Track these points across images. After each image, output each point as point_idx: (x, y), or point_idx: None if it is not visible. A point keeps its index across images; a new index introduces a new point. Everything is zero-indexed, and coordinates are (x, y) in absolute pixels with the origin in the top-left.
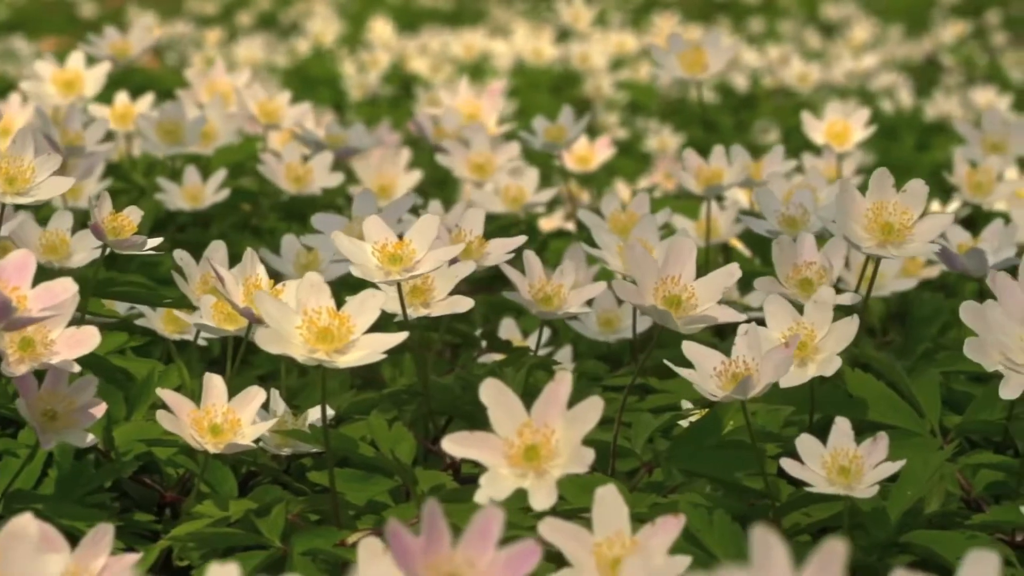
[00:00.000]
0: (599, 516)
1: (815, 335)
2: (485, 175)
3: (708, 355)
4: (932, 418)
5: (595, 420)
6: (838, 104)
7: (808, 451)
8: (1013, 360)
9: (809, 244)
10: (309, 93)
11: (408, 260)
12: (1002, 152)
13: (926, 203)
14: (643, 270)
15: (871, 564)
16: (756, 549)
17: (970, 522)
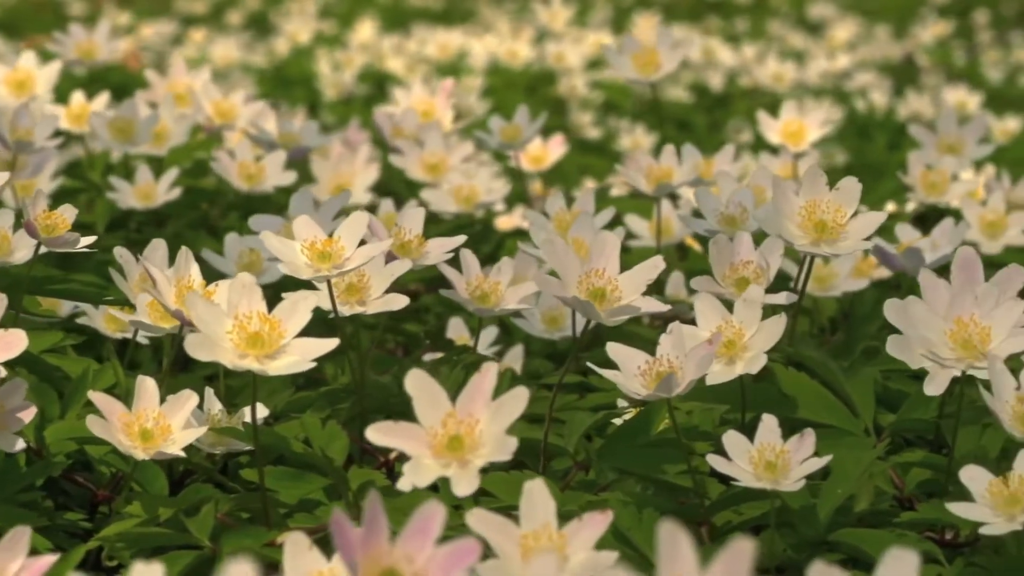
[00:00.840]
0: (526, 509)
1: (744, 333)
2: (438, 175)
3: (632, 355)
4: (866, 417)
5: (519, 411)
6: (794, 103)
7: (735, 447)
8: (938, 355)
9: (746, 243)
10: (284, 92)
11: (337, 257)
12: (957, 153)
13: (859, 201)
14: (565, 264)
15: (800, 562)
16: (663, 544)
17: (898, 520)
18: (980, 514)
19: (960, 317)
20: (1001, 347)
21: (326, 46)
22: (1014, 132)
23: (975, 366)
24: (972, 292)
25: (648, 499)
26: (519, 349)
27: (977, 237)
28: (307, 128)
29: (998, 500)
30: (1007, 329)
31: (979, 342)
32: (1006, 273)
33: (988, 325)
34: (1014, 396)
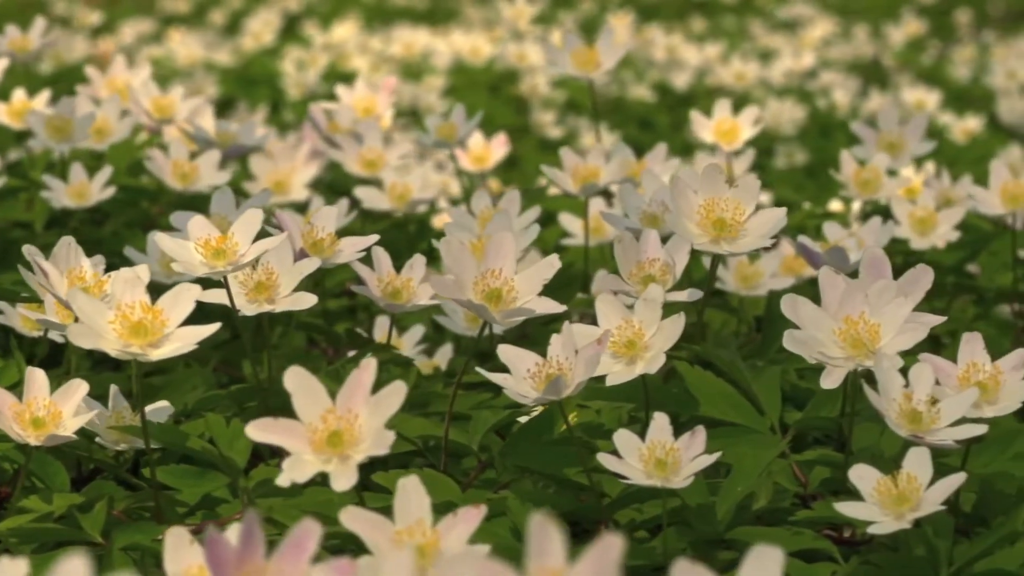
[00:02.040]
0: (400, 506)
1: (644, 333)
2: (375, 171)
3: (523, 356)
4: (772, 415)
5: (397, 405)
6: (726, 102)
7: (626, 445)
8: (826, 354)
9: (653, 241)
10: (247, 92)
11: (232, 254)
12: (898, 151)
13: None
14: (461, 264)
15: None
16: (533, 537)
17: (794, 518)
18: (869, 513)
19: (850, 316)
20: (890, 345)
21: (295, 45)
22: (974, 131)
23: (864, 364)
24: (863, 290)
25: (548, 497)
26: (448, 347)
27: (908, 234)
28: (245, 127)
29: (886, 499)
30: (896, 327)
31: (868, 340)
32: (914, 273)
33: (877, 323)
34: (901, 394)
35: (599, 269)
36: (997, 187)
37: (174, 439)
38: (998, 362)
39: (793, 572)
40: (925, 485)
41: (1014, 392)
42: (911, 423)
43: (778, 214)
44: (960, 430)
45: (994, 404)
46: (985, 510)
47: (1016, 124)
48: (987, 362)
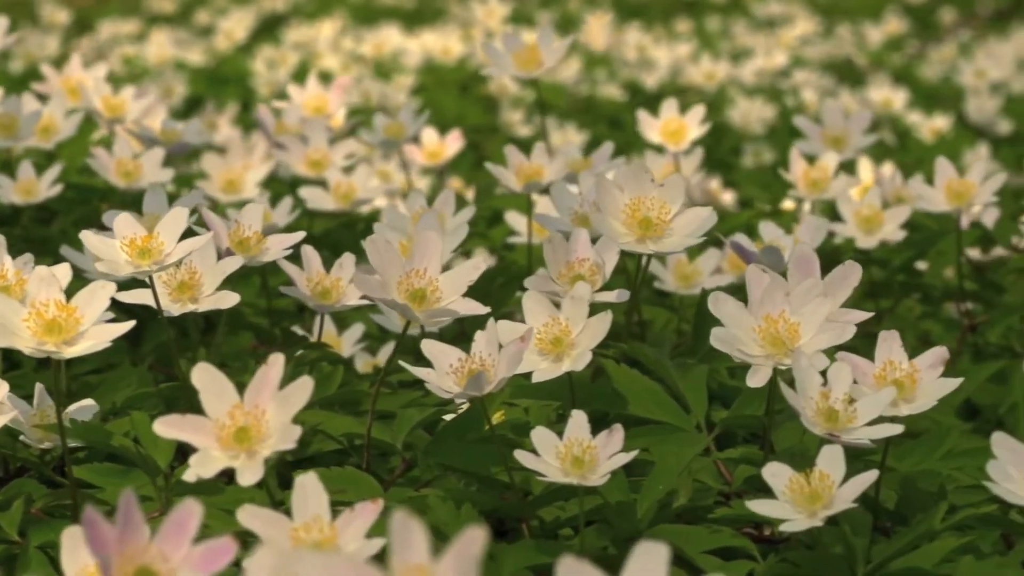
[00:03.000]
0: (298, 502)
1: (571, 331)
2: (320, 171)
3: (446, 352)
4: (698, 413)
5: (304, 401)
6: (673, 102)
7: (543, 443)
8: (745, 352)
9: (583, 241)
10: (218, 91)
11: (157, 253)
12: (842, 146)
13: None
14: (386, 264)
15: (615, 558)
16: (395, 534)
17: (712, 516)
18: (782, 511)
19: (770, 314)
20: (810, 343)
21: (270, 44)
22: (942, 130)
23: (784, 363)
24: (783, 289)
25: (469, 495)
26: (391, 346)
27: (853, 232)
28: (190, 125)
29: (798, 497)
30: (816, 325)
31: (787, 339)
32: (842, 270)
33: (797, 321)
34: (818, 392)
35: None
36: (942, 184)
37: (96, 437)
38: (915, 360)
39: (712, 570)
40: (838, 483)
41: (931, 390)
42: (827, 421)
43: (704, 213)
44: (876, 429)
45: (911, 402)
46: (906, 508)
47: (984, 123)
48: (904, 360)
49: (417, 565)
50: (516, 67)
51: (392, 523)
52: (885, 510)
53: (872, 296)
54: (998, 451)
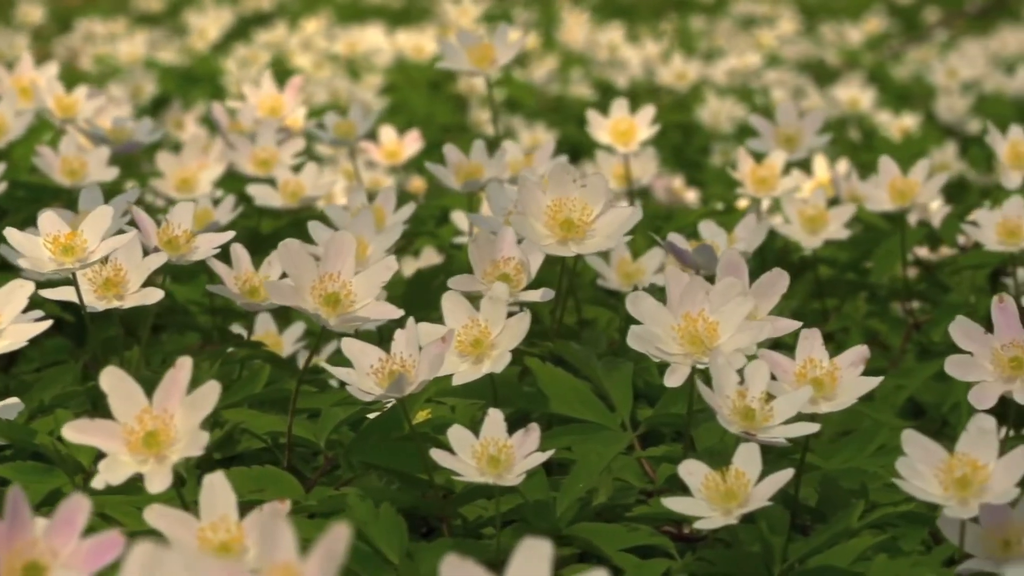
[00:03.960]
0: (206, 502)
1: (490, 332)
2: (268, 170)
3: (367, 351)
4: (623, 411)
5: (212, 405)
6: (623, 102)
7: (459, 442)
8: (664, 351)
9: (509, 240)
10: (189, 89)
11: (81, 251)
12: (795, 144)
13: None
14: (299, 268)
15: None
16: (263, 532)
17: (630, 514)
18: (697, 508)
19: (689, 313)
20: (728, 343)
21: (245, 43)
22: (910, 129)
23: (702, 362)
24: (703, 288)
25: (389, 493)
26: (334, 345)
27: (798, 232)
28: (140, 124)
29: (714, 495)
30: (735, 325)
31: (706, 337)
32: (769, 277)
33: (716, 321)
34: (735, 391)
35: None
36: (885, 183)
37: (19, 436)
38: (835, 359)
39: (629, 568)
40: (754, 481)
41: (851, 388)
42: (744, 420)
43: (626, 213)
44: (793, 428)
45: (831, 400)
46: (826, 507)
47: (954, 122)
48: (825, 359)
49: (284, 564)
50: (470, 63)
51: (259, 523)
52: (807, 508)
53: (819, 295)
54: (908, 448)
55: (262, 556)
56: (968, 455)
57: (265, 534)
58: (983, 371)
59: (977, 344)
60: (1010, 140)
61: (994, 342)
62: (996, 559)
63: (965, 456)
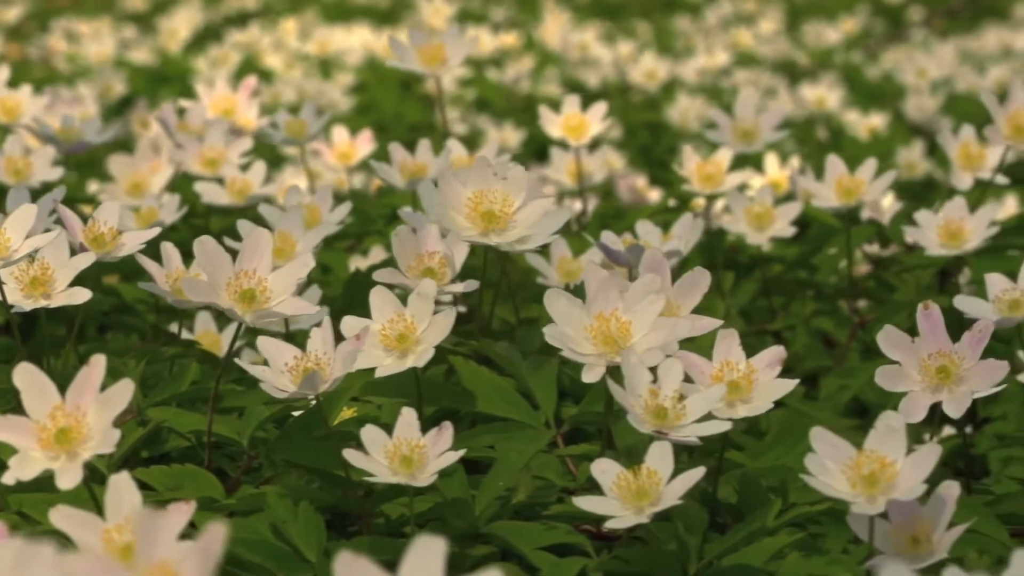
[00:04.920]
0: (111, 502)
1: (416, 328)
2: (215, 169)
3: (282, 349)
4: (547, 410)
5: (125, 403)
6: (574, 98)
7: (372, 441)
8: (576, 351)
9: (433, 235)
10: (159, 89)
11: (4, 249)
12: (752, 139)
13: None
14: (214, 265)
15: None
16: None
17: (547, 513)
18: (609, 507)
19: (602, 312)
20: (642, 342)
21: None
22: (877, 128)
23: (615, 361)
24: (616, 287)
25: (310, 492)
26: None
27: (744, 229)
28: (89, 123)
29: (625, 493)
30: (648, 324)
31: (619, 337)
32: (691, 276)
33: (629, 320)
34: (647, 390)
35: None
36: (832, 181)
37: None
38: (752, 360)
39: (545, 567)
40: (666, 480)
41: (768, 391)
42: (656, 419)
43: (546, 204)
44: (705, 427)
45: (748, 403)
46: (745, 505)
47: (923, 122)
48: (742, 360)
49: (161, 562)
50: (420, 63)
51: (136, 522)
52: (728, 507)
53: (765, 293)
54: (816, 445)
55: (140, 555)
56: (876, 452)
57: (143, 534)
58: (911, 381)
59: (904, 353)
60: (961, 141)
61: (921, 351)
62: (906, 556)
63: (873, 453)
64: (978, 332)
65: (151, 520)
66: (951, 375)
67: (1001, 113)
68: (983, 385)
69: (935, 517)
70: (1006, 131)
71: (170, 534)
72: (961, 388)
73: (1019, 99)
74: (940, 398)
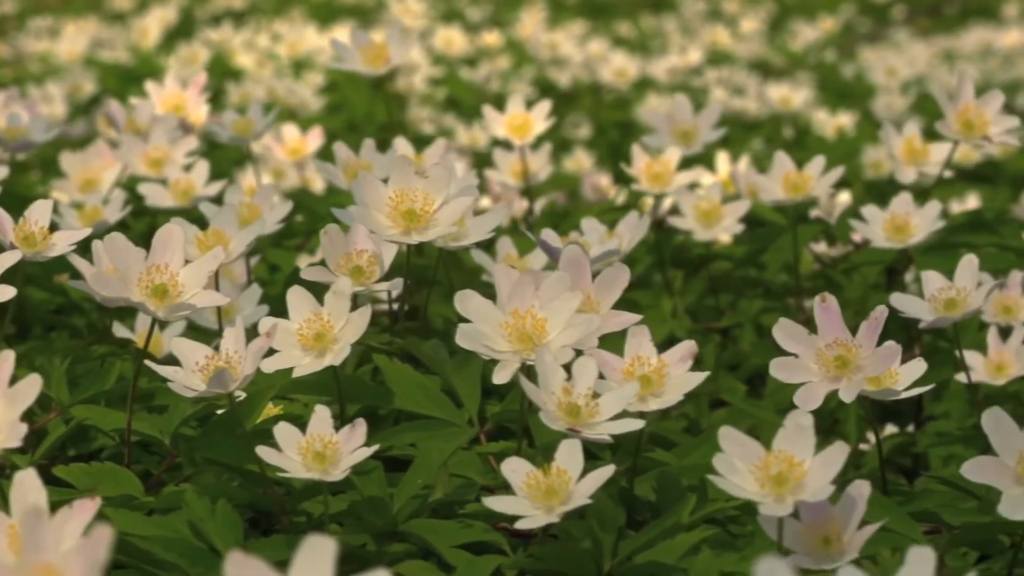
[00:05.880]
0: (15, 499)
1: (333, 326)
2: (159, 170)
3: (195, 349)
4: (471, 408)
5: (32, 398)
6: (519, 97)
7: (285, 438)
8: (492, 348)
9: (362, 233)
10: (129, 88)
11: None
12: (691, 139)
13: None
14: (126, 261)
15: (368, 553)
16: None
17: (463, 511)
18: (519, 507)
19: (517, 309)
20: (557, 339)
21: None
22: (845, 127)
23: (530, 359)
24: (532, 284)
25: (228, 490)
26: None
27: (692, 226)
28: (35, 122)
29: (535, 492)
30: (563, 321)
31: (534, 334)
32: (611, 272)
33: (544, 317)
34: (560, 388)
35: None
36: (779, 176)
37: None
38: (663, 355)
39: (460, 565)
40: (576, 478)
41: (679, 385)
42: (569, 416)
43: (466, 203)
44: (618, 424)
45: (659, 397)
46: (663, 503)
47: (892, 121)
48: (653, 355)
49: (44, 564)
50: (363, 63)
51: (21, 524)
52: (648, 504)
53: (713, 292)
54: (724, 445)
55: (24, 556)
56: (785, 452)
57: (27, 534)
58: (808, 372)
59: (802, 345)
60: (905, 136)
61: (818, 342)
62: (816, 555)
63: (782, 453)
64: (874, 320)
65: (36, 520)
66: (849, 364)
67: (951, 108)
68: (879, 371)
69: (846, 517)
70: (956, 126)
71: (52, 535)
72: (858, 376)
73: (968, 95)
74: (838, 387)
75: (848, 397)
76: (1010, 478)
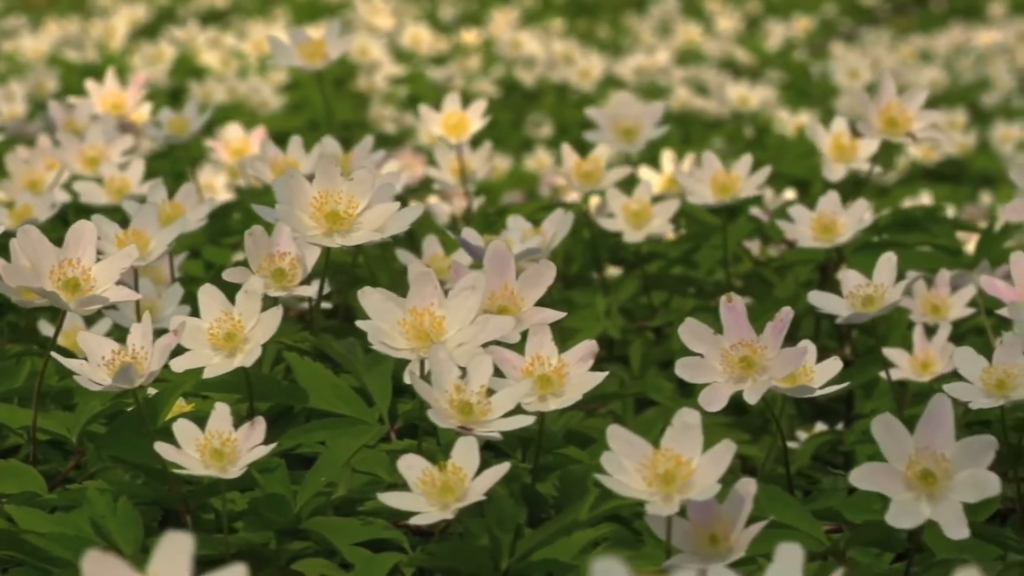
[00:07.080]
0: None
1: (243, 325)
2: (95, 168)
3: (102, 344)
4: (382, 406)
5: None
6: (455, 96)
7: (184, 435)
8: (390, 345)
9: (285, 235)
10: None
11: None
12: (634, 136)
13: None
14: (38, 254)
15: (268, 551)
16: None
17: (365, 508)
18: (415, 503)
19: (416, 307)
20: (455, 337)
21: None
22: (806, 126)
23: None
24: (433, 281)
25: (131, 487)
26: None
27: (622, 227)
28: None
29: (431, 489)
30: (463, 319)
31: (432, 332)
32: (536, 269)
33: (443, 315)
34: (453, 385)
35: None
36: (707, 177)
37: None
38: (564, 355)
39: (359, 562)
40: (471, 475)
41: (579, 384)
42: (461, 414)
43: (391, 208)
44: (510, 421)
45: (559, 396)
46: (566, 501)
47: (855, 120)
48: (554, 355)
49: None
50: (301, 59)
51: None
52: (553, 503)
53: (646, 290)
54: (613, 443)
55: None
56: (672, 450)
57: None
58: (713, 372)
59: (707, 345)
60: (833, 133)
61: (723, 342)
62: (704, 555)
63: (669, 451)
64: (779, 321)
65: None
66: (754, 365)
67: (872, 107)
68: (784, 373)
69: (733, 515)
70: (879, 124)
71: None
72: (763, 377)
73: (890, 92)
74: (743, 387)
75: (752, 398)
76: (900, 483)
